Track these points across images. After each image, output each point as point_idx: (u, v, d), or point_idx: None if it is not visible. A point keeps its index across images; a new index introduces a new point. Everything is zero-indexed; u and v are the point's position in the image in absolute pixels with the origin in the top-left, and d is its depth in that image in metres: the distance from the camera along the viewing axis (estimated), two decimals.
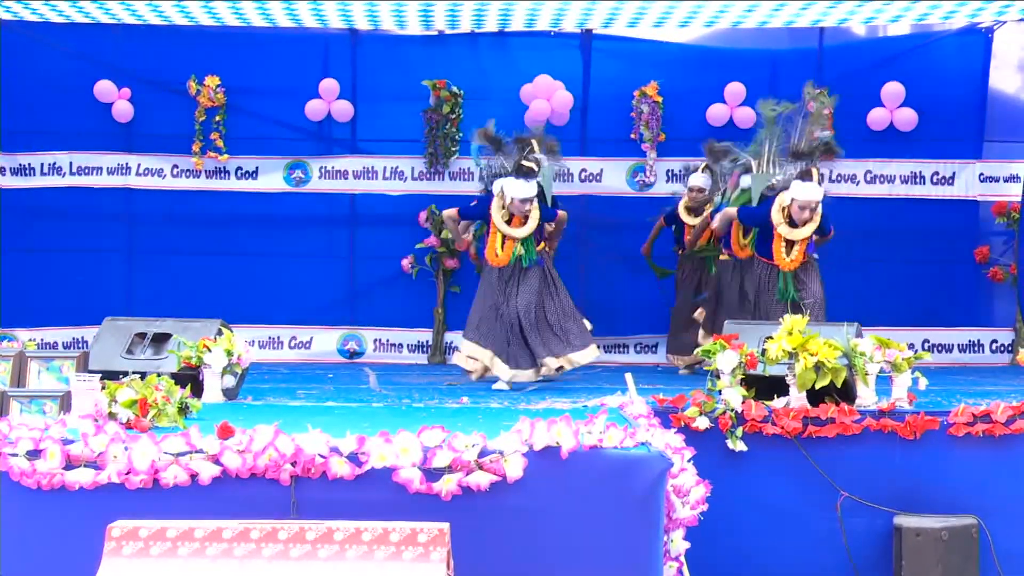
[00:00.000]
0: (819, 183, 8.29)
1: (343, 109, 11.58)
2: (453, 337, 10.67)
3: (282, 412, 5.37)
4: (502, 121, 9.90)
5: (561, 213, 8.87)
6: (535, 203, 8.31)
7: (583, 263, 11.00)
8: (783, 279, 8.35)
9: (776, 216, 8.30)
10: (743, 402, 5.86)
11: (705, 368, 6.32)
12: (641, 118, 11.46)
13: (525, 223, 8.28)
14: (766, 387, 6.05)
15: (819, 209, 8.24)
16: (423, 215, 11.12)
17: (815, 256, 8.69)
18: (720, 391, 5.90)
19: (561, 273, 8.97)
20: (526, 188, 8.21)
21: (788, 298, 8.33)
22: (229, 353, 6.28)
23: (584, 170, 10.89)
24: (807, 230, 8.25)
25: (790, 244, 8.30)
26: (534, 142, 8.91)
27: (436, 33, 11.93)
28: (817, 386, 5.87)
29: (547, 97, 11.19)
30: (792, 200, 8.22)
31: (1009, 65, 11.79)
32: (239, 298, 10.60)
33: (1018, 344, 10.03)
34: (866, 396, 5.97)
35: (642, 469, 4.03)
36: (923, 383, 6.10)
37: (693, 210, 9.90)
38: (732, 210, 9.01)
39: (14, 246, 10.77)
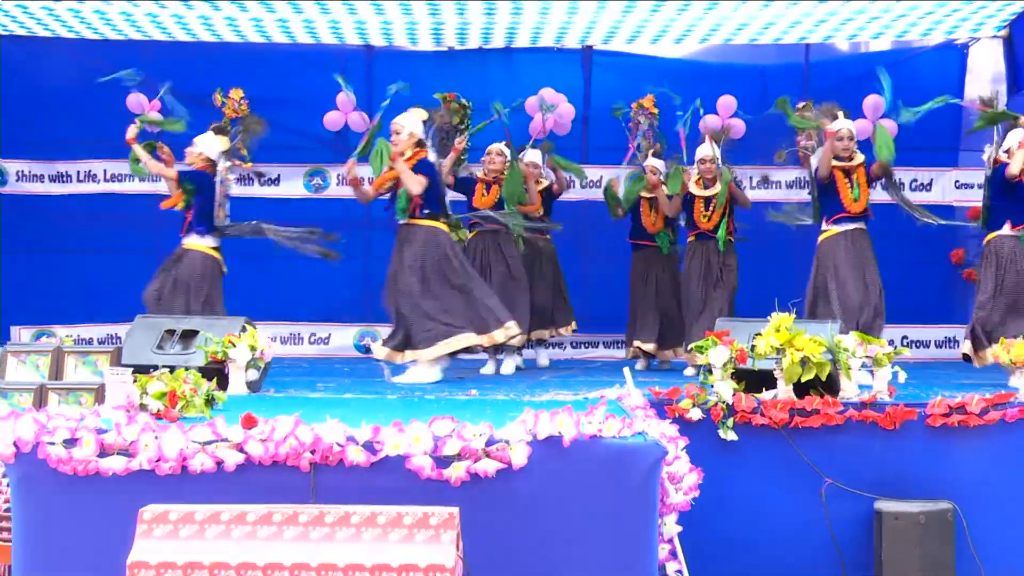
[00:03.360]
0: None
1: (359, 120, 11.58)
2: None
3: (302, 403, 5.38)
4: (509, 131, 9.96)
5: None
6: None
7: (585, 264, 11.00)
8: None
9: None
10: (734, 394, 5.86)
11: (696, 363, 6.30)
12: (638, 128, 11.47)
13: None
14: (755, 380, 6.05)
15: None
16: None
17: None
18: (712, 384, 5.90)
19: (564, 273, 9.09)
20: None
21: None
22: (252, 348, 6.29)
23: (586, 177, 10.85)
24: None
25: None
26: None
27: (446, 49, 11.95)
28: (803, 379, 5.87)
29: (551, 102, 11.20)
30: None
31: (983, 79, 11.79)
32: (262, 297, 10.60)
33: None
34: (849, 389, 5.97)
35: (638, 457, 4.04)
36: (902, 376, 6.10)
37: (705, 184, 9.24)
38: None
39: (53, 248, 10.82)
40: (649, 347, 9.19)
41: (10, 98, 11.37)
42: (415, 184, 7.76)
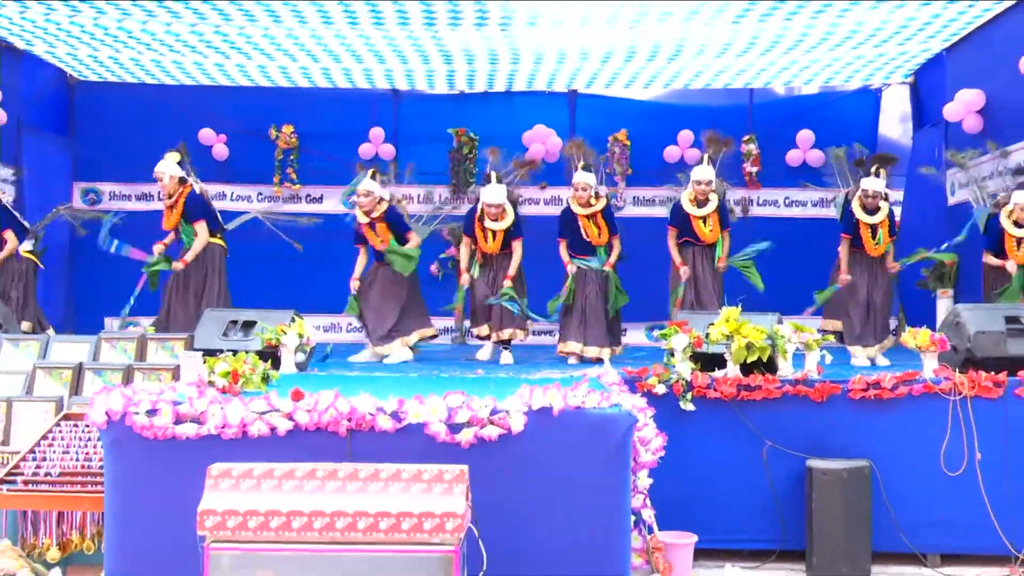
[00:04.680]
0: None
1: (387, 150, 11.61)
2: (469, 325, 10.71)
3: (340, 381, 5.36)
4: (506, 161, 9.96)
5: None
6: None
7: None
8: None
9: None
10: (692, 373, 5.85)
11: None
12: (614, 157, 11.49)
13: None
14: (709, 362, 6.04)
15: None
16: (446, 231, 11.16)
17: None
18: (674, 365, 5.90)
19: (547, 280, 8.72)
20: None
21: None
22: (300, 336, 6.28)
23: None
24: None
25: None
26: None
27: (458, 92, 11.99)
28: (748, 361, 5.87)
29: (542, 141, 11.22)
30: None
31: (893, 118, 11.86)
32: (308, 293, 10.61)
33: (899, 328, 9.99)
34: (785, 368, 5.96)
35: (615, 424, 4.03)
36: (828, 359, 6.09)
37: (699, 203, 8.31)
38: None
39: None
40: (577, 348, 8.12)
41: (85, 130, 11.46)
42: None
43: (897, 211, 10.52)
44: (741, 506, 5.86)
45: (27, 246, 9.27)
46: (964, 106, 9.77)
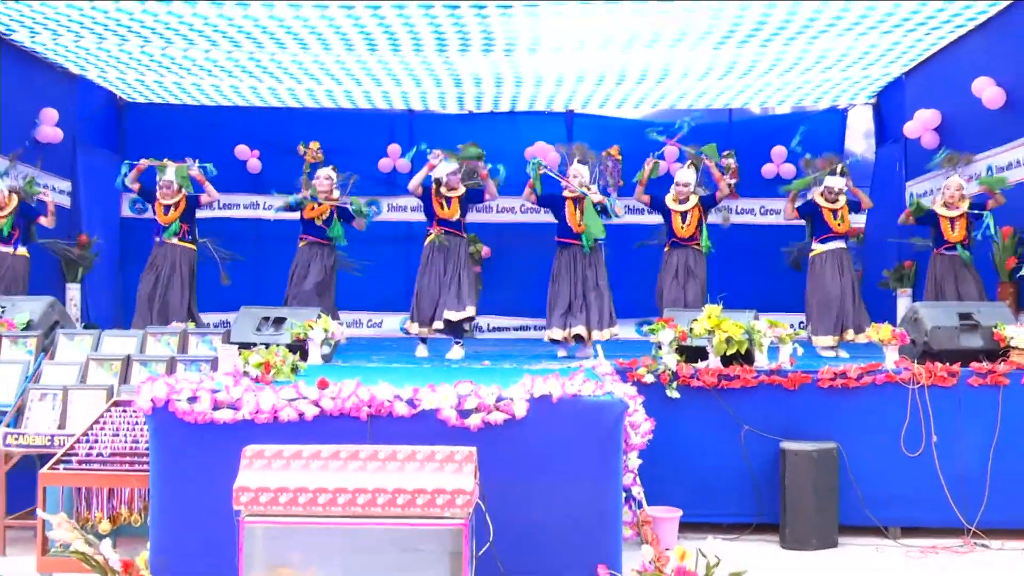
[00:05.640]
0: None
1: (404, 164, 11.60)
2: (479, 320, 10.70)
3: (362, 371, 5.36)
4: (511, 173, 9.92)
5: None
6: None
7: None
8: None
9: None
10: (677, 364, 5.84)
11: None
12: (607, 170, 11.47)
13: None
14: (693, 354, 6.02)
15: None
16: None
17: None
18: (661, 357, 5.89)
19: (543, 281, 8.40)
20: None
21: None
22: (326, 330, 6.28)
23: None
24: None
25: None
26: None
27: (467, 112, 11.99)
28: (728, 353, 5.87)
29: (543, 156, 11.18)
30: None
31: (858, 135, 11.87)
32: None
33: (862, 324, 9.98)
34: (761, 360, 5.94)
35: (608, 410, 4.02)
36: (800, 351, 6.08)
37: (680, 200, 8.28)
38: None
39: None
40: (559, 335, 7.76)
41: (133, 147, 11.46)
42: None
43: (861, 217, 10.54)
44: (721, 483, 5.84)
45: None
46: (922, 124, 9.78)
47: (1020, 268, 7.97)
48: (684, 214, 8.29)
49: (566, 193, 7.96)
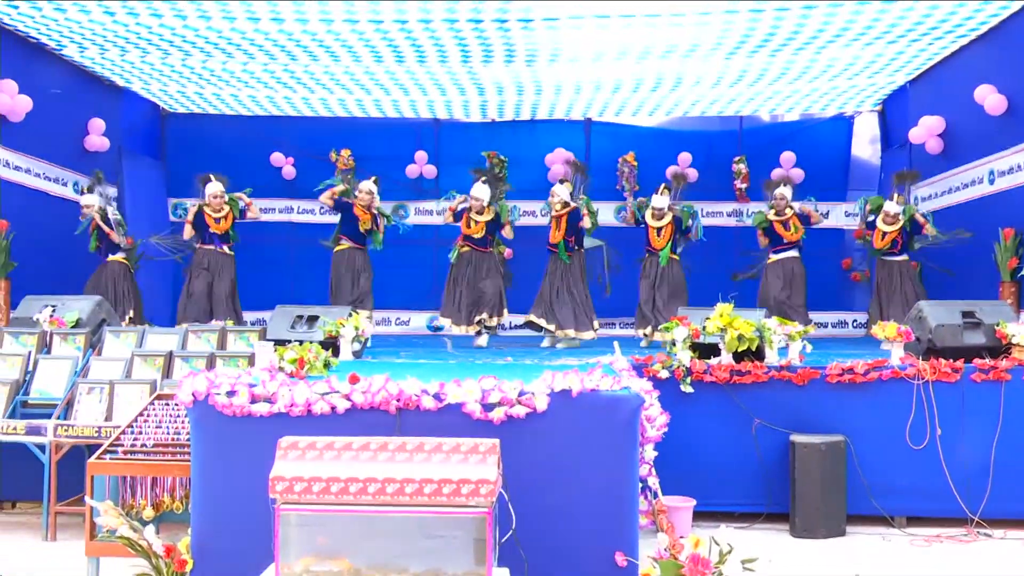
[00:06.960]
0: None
1: (430, 170, 11.62)
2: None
3: (390, 367, 5.37)
4: (531, 178, 9.91)
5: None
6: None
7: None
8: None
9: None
10: (691, 360, 5.82)
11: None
12: (623, 176, 11.44)
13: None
14: (706, 350, 6.01)
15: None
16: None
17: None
18: (675, 353, 5.86)
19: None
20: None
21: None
22: (356, 328, 6.30)
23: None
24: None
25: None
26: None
27: (490, 120, 11.98)
28: (739, 350, 5.85)
29: (562, 162, 11.17)
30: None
31: (864, 141, 11.80)
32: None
33: (870, 322, 9.93)
34: (771, 356, 5.92)
35: (625, 404, 4.00)
36: (809, 348, 6.05)
37: (656, 218, 9.07)
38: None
39: None
40: (550, 325, 8.69)
41: (175, 154, 11.53)
42: None
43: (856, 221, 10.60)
44: (733, 475, 5.82)
45: (120, 255, 9.26)
46: (926, 130, 9.70)
47: (1021, 268, 7.89)
48: (659, 229, 9.10)
49: (553, 212, 8.95)
